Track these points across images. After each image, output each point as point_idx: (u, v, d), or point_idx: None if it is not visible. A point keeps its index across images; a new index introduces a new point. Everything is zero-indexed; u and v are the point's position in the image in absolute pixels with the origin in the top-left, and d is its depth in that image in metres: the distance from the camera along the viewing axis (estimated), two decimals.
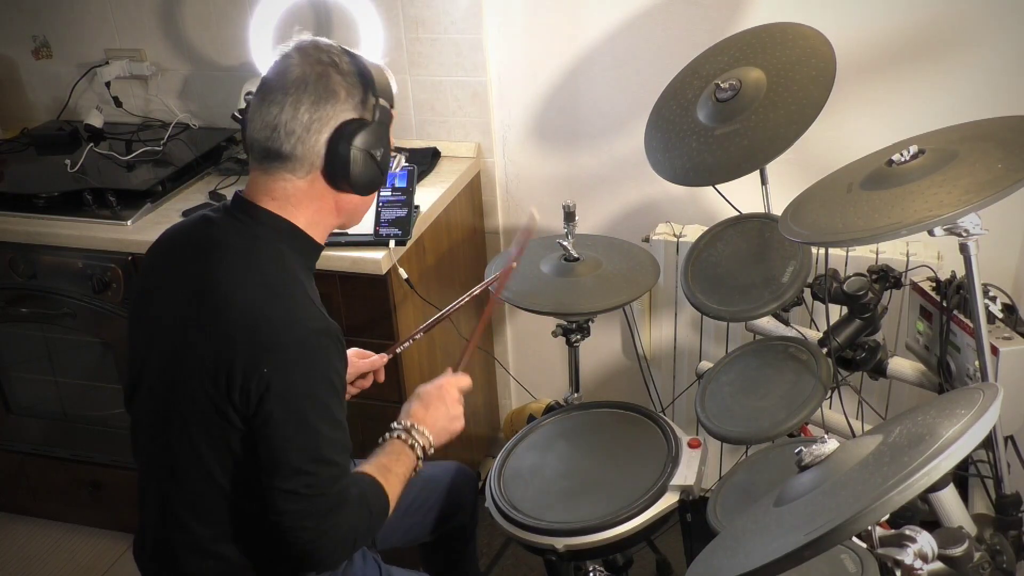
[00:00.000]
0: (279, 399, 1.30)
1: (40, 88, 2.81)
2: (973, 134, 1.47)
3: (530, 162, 2.49)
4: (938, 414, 1.02)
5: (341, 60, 1.37)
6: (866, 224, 1.34)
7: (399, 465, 1.50)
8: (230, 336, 1.31)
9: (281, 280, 1.37)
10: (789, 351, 1.76)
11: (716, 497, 1.63)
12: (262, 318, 1.31)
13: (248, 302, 1.32)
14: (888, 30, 2.07)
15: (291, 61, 1.36)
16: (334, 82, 1.35)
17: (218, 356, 1.31)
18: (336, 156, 1.36)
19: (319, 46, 1.38)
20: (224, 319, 1.32)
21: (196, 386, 1.33)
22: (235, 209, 1.42)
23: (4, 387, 2.53)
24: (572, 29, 2.30)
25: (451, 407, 1.59)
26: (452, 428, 1.59)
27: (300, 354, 1.31)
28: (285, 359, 1.30)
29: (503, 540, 2.49)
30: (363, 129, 1.36)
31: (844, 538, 0.90)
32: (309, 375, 1.32)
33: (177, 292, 1.39)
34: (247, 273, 1.36)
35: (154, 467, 1.47)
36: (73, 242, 2.22)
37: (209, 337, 1.33)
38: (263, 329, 1.31)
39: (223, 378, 1.30)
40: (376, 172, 1.40)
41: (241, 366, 1.29)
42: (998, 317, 1.61)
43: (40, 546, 2.66)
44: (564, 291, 1.93)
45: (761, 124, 1.75)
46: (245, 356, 1.30)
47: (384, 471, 1.47)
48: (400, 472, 1.49)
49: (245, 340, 1.30)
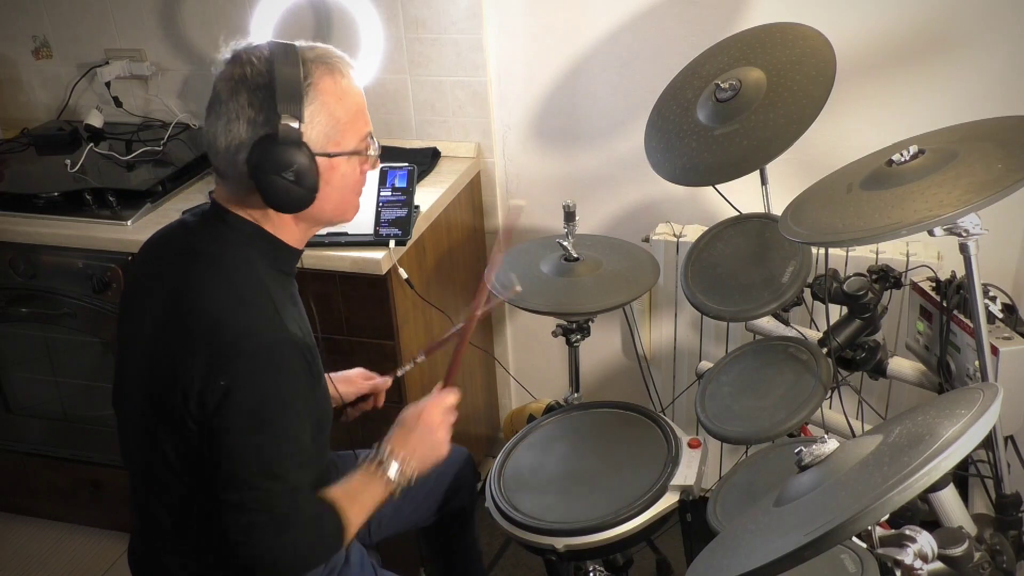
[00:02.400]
0: (233, 411, 1.28)
1: (40, 88, 2.81)
2: (973, 134, 1.47)
3: (530, 162, 2.49)
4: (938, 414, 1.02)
5: (253, 72, 1.31)
6: (866, 224, 1.34)
7: (367, 494, 1.46)
8: (191, 343, 1.30)
9: (248, 288, 1.35)
10: (789, 351, 1.76)
11: (716, 497, 1.63)
12: (226, 326, 1.30)
13: (211, 310, 1.31)
14: (888, 30, 2.07)
15: (217, 74, 1.34)
16: (242, 100, 1.31)
17: (180, 363, 1.30)
18: (255, 178, 1.31)
19: (237, 58, 1.33)
20: (188, 326, 1.32)
21: (163, 392, 1.33)
22: (209, 213, 1.42)
23: (4, 387, 2.53)
24: (572, 29, 2.30)
25: (434, 432, 1.54)
26: (435, 455, 1.54)
27: (258, 364, 1.29)
28: (242, 370, 1.28)
29: (503, 540, 2.49)
30: (272, 149, 1.29)
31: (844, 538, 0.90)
32: (265, 386, 1.30)
33: (153, 298, 1.39)
34: (214, 280, 1.34)
35: (135, 471, 1.48)
36: (73, 242, 2.22)
37: (174, 344, 1.32)
38: (225, 338, 1.29)
39: (183, 384, 1.29)
40: (295, 191, 1.32)
41: (199, 374, 1.28)
42: (998, 317, 1.61)
43: (40, 546, 2.66)
44: (564, 291, 1.93)
45: (761, 124, 1.75)
46: (203, 364, 1.28)
47: (350, 498, 1.43)
48: (366, 501, 1.45)
49: (204, 348, 1.29)
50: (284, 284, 1.43)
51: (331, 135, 1.35)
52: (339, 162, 1.38)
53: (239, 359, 1.28)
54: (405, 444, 1.51)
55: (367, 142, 1.41)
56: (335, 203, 1.41)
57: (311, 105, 1.32)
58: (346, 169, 1.39)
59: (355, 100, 1.38)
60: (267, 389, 1.30)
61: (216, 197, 1.40)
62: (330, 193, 1.38)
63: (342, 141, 1.37)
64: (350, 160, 1.39)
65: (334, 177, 1.38)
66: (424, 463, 1.52)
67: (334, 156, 1.36)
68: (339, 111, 1.35)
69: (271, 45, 1.33)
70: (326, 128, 1.34)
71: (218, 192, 1.40)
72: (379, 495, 1.47)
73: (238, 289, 1.34)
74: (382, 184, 2.11)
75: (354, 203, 1.47)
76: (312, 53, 1.35)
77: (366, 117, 1.41)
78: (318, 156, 1.34)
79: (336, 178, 1.38)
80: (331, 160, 1.36)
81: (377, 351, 1.83)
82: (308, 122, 1.32)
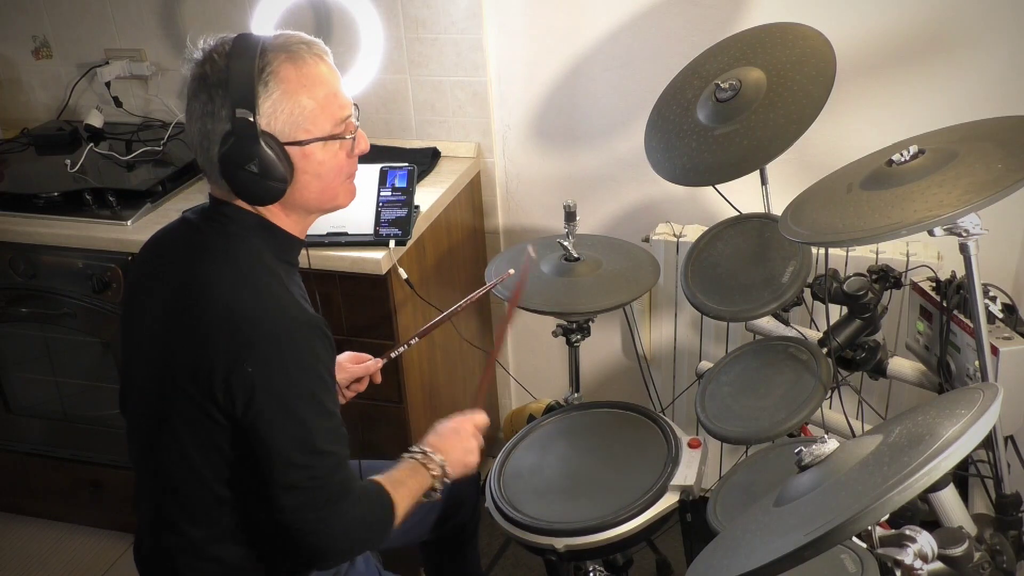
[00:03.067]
0: (266, 396, 1.29)
1: (40, 88, 2.81)
2: (973, 134, 1.47)
3: (530, 162, 2.49)
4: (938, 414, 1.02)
5: (214, 70, 1.31)
6: (866, 224, 1.34)
7: (412, 480, 1.51)
8: (209, 336, 1.31)
9: (257, 275, 1.36)
10: (789, 351, 1.76)
11: (716, 497, 1.63)
12: (240, 315, 1.30)
13: (226, 300, 1.32)
14: (888, 30, 2.07)
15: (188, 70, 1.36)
16: (203, 98, 1.32)
17: (199, 357, 1.31)
18: (223, 174, 1.34)
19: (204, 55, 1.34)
20: (203, 319, 1.32)
21: (180, 389, 1.33)
22: (210, 208, 1.42)
23: (4, 387, 2.53)
24: (572, 29, 2.30)
25: (465, 441, 1.62)
26: (467, 461, 1.61)
27: (282, 347, 1.30)
28: (267, 354, 1.29)
29: (503, 540, 2.49)
30: (233, 144, 1.31)
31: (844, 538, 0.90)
32: (293, 368, 1.31)
33: (160, 296, 1.39)
34: (224, 271, 1.35)
35: (146, 471, 1.47)
36: (73, 242, 2.22)
37: (189, 338, 1.33)
38: (242, 326, 1.30)
39: (205, 378, 1.30)
40: (263, 183, 1.33)
41: (222, 365, 1.29)
42: (998, 317, 1.61)
43: (40, 546, 2.66)
44: (564, 291, 1.93)
45: (761, 124, 1.75)
46: (226, 355, 1.29)
47: (395, 483, 1.48)
48: (412, 486, 1.50)
49: (225, 339, 1.30)
50: (290, 274, 1.44)
51: (299, 123, 1.34)
52: (313, 149, 1.36)
53: (261, 344, 1.29)
54: (440, 448, 1.58)
55: (345, 124, 1.40)
56: (318, 190, 1.41)
57: (271, 95, 1.32)
58: (323, 156, 1.38)
59: (324, 85, 1.36)
60: (294, 369, 1.31)
61: (213, 193, 1.42)
62: (309, 181, 1.38)
63: (312, 128, 1.35)
64: (326, 146, 1.38)
65: (309, 165, 1.37)
66: (456, 468, 1.58)
67: (306, 143, 1.35)
68: (304, 98, 1.34)
69: (234, 39, 1.33)
70: (292, 116, 1.34)
71: (212, 188, 1.42)
72: (423, 483, 1.52)
73: (248, 277, 1.35)
74: (382, 184, 2.11)
75: (345, 188, 1.46)
76: (275, 42, 1.34)
77: (340, 100, 1.39)
78: (288, 145, 1.34)
79: (312, 165, 1.37)
80: (303, 148, 1.36)
81: (377, 350, 1.84)
82: (268, 112, 1.32)
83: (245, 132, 1.30)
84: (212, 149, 1.33)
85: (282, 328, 1.31)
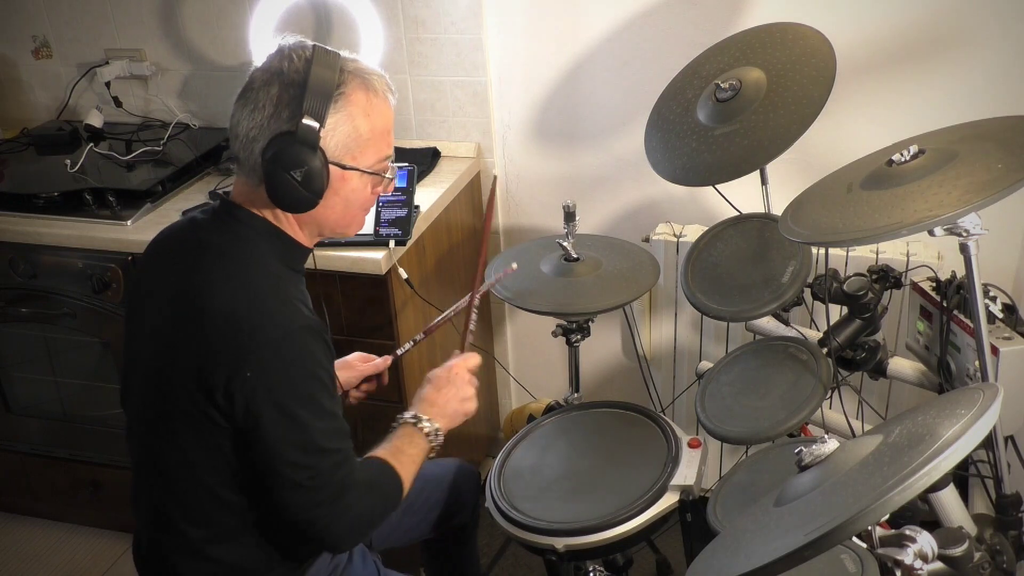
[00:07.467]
0: (266, 401, 1.30)
1: (40, 88, 2.81)
2: (973, 134, 1.47)
3: (530, 162, 2.49)
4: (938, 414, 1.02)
5: (291, 68, 1.33)
6: (866, 224, 1.34)
7: (411, 447, 1.52)
8: (210, 339, 1.31)
9: (261, 280, 1.36)
10: (789, 351, 1.76)
11: (716, 497, 1.63)
12: (242, 320, 1.31)
13: (227, 305, 1.32)
14: (888, 30, 2.07)
15: (259, 64, 1.37)
16: (272, 92, 1.33)
17: (200, 359, 1.31)
18: (265, 170, 1.34)
19: (282, 52, 1.36)
20: (204, 323, 1.32)
21: (180, 390, 1.33)
22: (220, 210, 1.43)
23: (4, 387, 2.53)
24: (572, 29, 2.30)
25: (461, 388, 1.61)
26: (465, 409, 1.61)
27: (282, 353, 1.31)
28: (267, 360, 1.29)
29: (503, 540, 2.49)
30: (287, 146, 1.31)
31: (844, 538, 0.90)
32: (293, 373, 1.32)
33: (164, 296, 1.40)
34: (228, 275, 1.35)
35: (145, 470, 1.48)
36: (73, 242, 2.22)
37: (190, 341, 1.33)
38: (243, 331, 1.30)
39: (205, 381, 1.30)
40: (300, 191, 1.34)
41: (223, 369, 1.29)
42: (998, 317, 1.61)
43: (40, 546, 2.66)
44: (564, 291, 1.93)
45: (761, 124, 1.75)
46: (226, 359, 1.29)
47: (396, 453, 1.49)
48: (412, 453, 1.51)
49: (225, 343, 1.30)
50: (295, 281, 1.45)
51: (350, 147, 1.37)
52: (352, 175, 1.39)
53: (261, 349, 1.29)
54: (436, 400, 1.58)
55: (385, 164, 1.43)
56: (339, 214, 1.43)
57: (337, 113, 1.34)
58: (357, 184, 1.40)
59: (383, 120, 1.40)
60: (293, 374, 1.32)
61: (232, 194, 1.42)
62: (336, 203, 1.40)
63: (360, 156, 1.38)
64: (363, 177, 1.40)
65: (343, 188, 1.39)
66: (454, 418, 1.59)
67: (348, 168, 1.38)
68: (364, 126, 1.37)
69: (316, 48, 1.35)
70: (347, 139, 1.36)
71: (235, 188, 1.42)
72: (421, 449, 1.53)
73: (251, 281, 1.35)
74: None
75: (359, 219, 1.49)
76: (352, 65, 1.38)
77: (389, 140, 1.43)
78: (332, 164, 1.36)
79: (345, 190, 1.40)
80: (344, 171, 1.38)
81: (377, 351, 1.84)
82: (330, 128, 1.34)
83: (307, 139, 1.32)
84: (259, 143, 1.34)
85: (281, 334, 1.31)
